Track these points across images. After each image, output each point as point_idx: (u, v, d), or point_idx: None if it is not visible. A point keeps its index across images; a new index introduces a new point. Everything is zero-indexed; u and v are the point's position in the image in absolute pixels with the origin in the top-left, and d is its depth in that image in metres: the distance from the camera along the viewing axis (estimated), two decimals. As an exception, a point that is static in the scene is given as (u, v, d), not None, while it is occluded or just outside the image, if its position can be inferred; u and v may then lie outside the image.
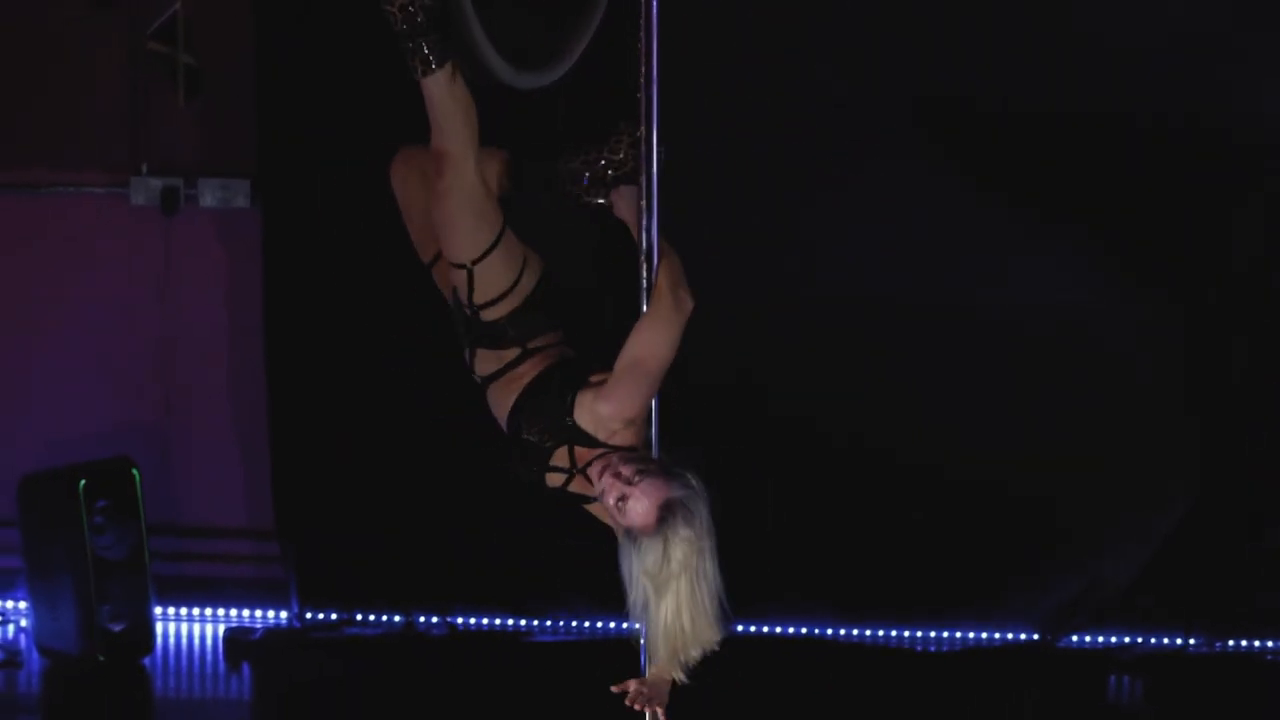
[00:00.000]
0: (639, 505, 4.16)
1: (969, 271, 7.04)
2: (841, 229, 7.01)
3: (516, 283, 4.44)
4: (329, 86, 7.06)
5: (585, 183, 4.49)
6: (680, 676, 4.32)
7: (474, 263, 4.39)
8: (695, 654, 4.27)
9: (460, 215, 4.37)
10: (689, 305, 4.28)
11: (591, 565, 5.07)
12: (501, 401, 4.45)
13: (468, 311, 4.45)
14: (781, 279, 7.01)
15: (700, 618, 4.21)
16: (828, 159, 6.96)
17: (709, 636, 4.25)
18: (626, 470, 4.19)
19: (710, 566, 4.22)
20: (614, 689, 4.34)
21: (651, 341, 4.25)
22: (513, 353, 4.45)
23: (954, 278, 7.02)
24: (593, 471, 4.28)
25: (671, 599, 4.18)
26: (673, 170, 4.43)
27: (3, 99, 7.43)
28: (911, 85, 6.91)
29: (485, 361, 4.48)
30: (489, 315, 4.44)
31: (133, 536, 7.09)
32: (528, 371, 4.42)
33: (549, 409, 4.34)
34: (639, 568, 4.18)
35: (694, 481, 4.21)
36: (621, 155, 4.42)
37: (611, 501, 4.19)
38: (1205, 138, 6.89)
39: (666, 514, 4.15)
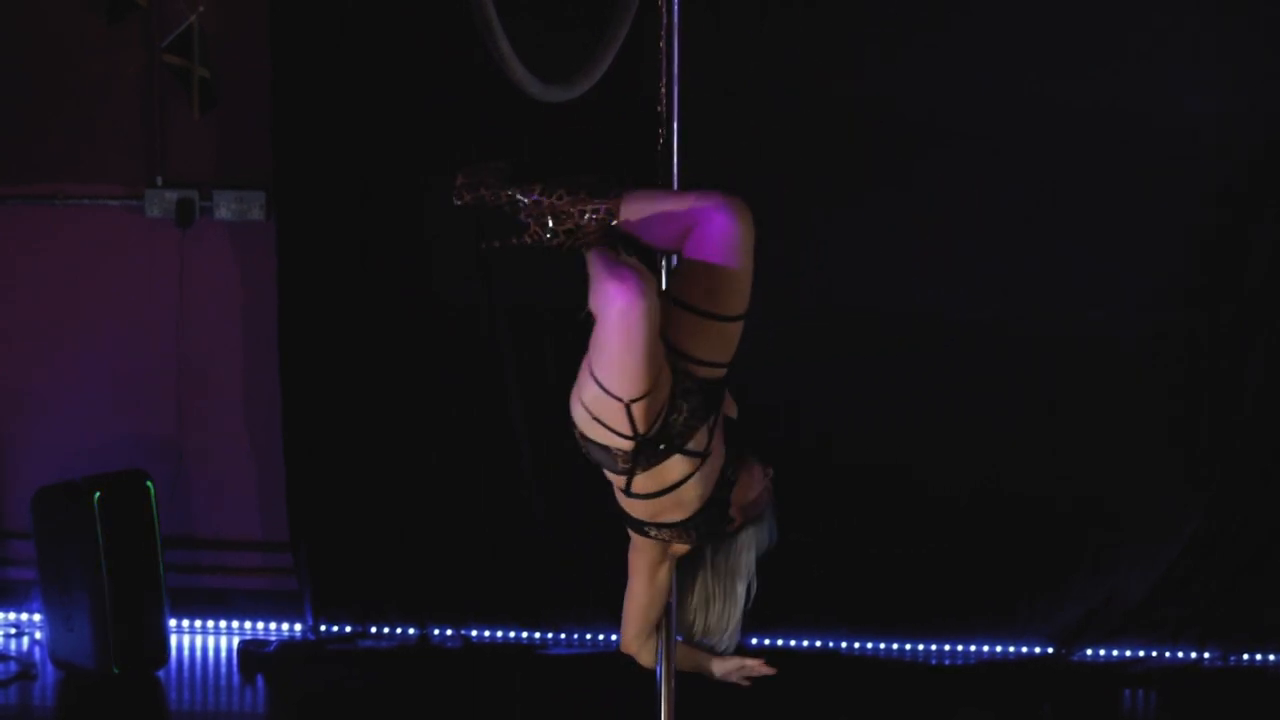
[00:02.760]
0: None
1: (981, 283, 7.03)
2: (855, 244, 7.00)
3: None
4: (344, 99, 7.08)
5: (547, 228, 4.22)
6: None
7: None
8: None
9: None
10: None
11: (606, 578, 5.08)
12: None
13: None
14: (796, 294, 7.00)
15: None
16: (844, 174, 6.96)
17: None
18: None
19: None
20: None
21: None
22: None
23: (967, 290, 7.01)
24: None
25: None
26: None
27: (19, 111, 7.45)
28: (915, 94, 6.91)
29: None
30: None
31: (147, 549, 7.10)
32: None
33: None
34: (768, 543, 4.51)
35: None
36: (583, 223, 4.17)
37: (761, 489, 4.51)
38: (1221, 144, 6.89)
39: None
